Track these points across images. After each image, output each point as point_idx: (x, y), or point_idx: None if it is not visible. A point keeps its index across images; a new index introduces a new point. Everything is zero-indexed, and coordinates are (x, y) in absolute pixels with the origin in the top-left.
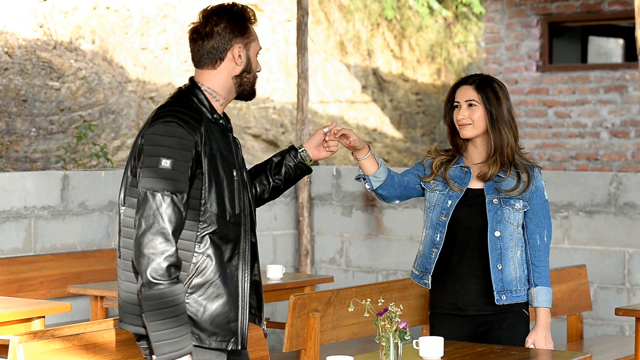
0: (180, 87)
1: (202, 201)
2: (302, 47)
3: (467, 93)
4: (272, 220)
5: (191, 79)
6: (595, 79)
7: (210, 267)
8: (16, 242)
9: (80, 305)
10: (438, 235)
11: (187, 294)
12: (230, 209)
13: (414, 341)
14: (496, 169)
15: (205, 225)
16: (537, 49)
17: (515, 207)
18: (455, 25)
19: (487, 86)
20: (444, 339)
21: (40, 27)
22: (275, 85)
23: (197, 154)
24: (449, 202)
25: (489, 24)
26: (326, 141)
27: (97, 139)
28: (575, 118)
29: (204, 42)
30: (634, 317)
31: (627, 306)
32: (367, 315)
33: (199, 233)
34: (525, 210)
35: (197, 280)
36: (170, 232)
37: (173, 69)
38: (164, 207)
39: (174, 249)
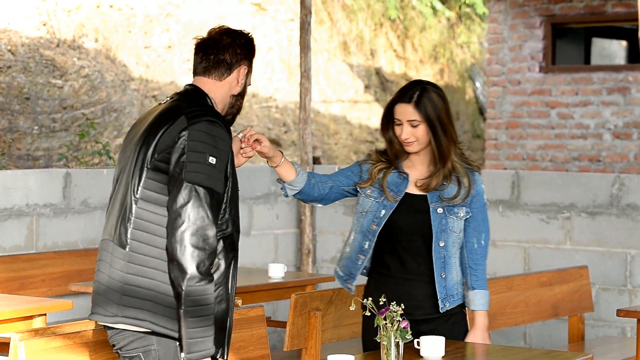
0: (186, 90)
1: (224, 205)
2: (305, 47)
3: (408, 112)
4: (274, 219)
5: (194, 86)
6: (598, 80)
7: (220, 269)
8: (18, 240)
9: (81, 303)
10: (367, 243)
11: None
12: (236, 217)
13: (415, 340)
14: (440, 180)
15: (223, 227)
16: (540, 50)
17: (459, 215)
18: (458, 26)
19: (424, 99)
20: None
21: (44, 25)
22: (278, 84)
23: (228, 157)
24: (383, 211)
25: (492, 25)
26: (242, 148)
27: (100, 137)
28: (578, 119)
29: (219, 52)
30: (636, 319)
31: (628, 307)
32: (369, 314)
33: None
34: (468, 217)
35: None
36: (214, 228)
37: (176, 67)
38: (209, 203)
39: (215, 246)
